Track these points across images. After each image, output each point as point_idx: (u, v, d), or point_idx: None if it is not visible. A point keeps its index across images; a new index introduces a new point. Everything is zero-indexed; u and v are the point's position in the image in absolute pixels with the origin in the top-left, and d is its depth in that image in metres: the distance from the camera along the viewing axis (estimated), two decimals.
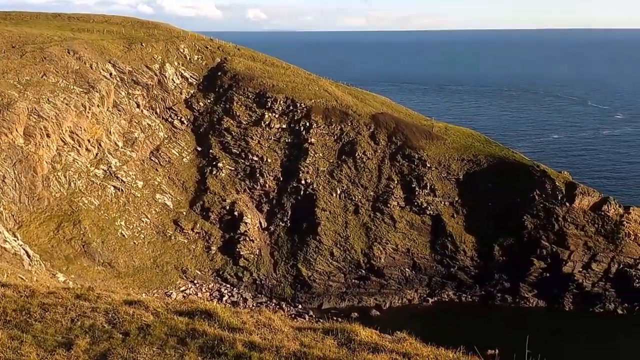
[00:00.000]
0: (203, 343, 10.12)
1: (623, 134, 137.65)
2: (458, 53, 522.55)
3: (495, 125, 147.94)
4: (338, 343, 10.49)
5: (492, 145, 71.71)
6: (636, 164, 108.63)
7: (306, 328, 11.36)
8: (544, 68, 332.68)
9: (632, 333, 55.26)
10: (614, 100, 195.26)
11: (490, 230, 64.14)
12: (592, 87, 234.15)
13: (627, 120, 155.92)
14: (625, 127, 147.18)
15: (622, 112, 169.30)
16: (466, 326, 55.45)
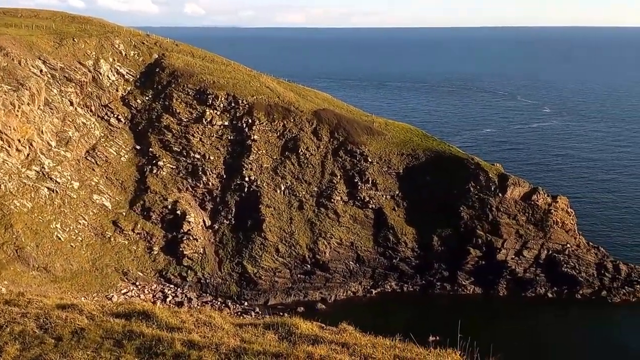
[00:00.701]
0: (140, 344, 10.00)
1: (550, 127, 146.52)
2: (397, 50, 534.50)
3: (433, 120, 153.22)
4: (279, 337, 10.61)
5: (430, 140, 74.40)
6: (563, 155, 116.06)
7: (247, 324, 11.45)
8: (478, 65, 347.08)
9: (561, 315, 59.25)
10: (542, 95, 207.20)
11: (429, 221, 66.65)
12: (521, 83, 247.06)
13: (554, 114, 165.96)
14: (552, 120, 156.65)
15: (549, 107, 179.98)
16: (408, 315, 57.51)
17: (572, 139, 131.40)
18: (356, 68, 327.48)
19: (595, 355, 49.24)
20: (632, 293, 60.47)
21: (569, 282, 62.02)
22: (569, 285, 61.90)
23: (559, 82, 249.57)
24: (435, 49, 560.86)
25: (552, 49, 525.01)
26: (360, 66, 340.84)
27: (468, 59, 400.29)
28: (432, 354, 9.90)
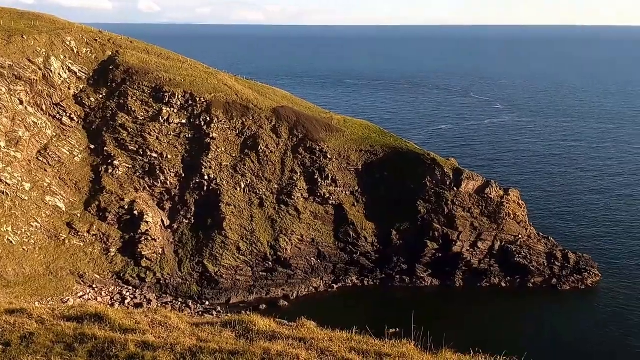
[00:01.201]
0: (92, 347, 9.84)
1: (502, 123, 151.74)
2: (354, 48, 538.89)
3: (390, 117, 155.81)
4: (236, 335, 10.66)
5: (387, 136, 75.82)
6: (514, 150, 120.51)
7: (204, 323, 11.45)
8: (432, 63, 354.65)
9: (514, 303, 61.83)
10: (494, 92, 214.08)
11: (388, 216, 68.04)
12: (474, 79, 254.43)
13: (505, 110, 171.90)
14: (504, 116, 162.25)
15: (500, 103, 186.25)
16: (369, 308, 58.71)
17: (522, 134, 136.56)
18: (314, 66, 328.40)
19: (546, 341, 51.70)
20: (580, 281, 63.66)
21: (521, 272, 64.72)
22: (521, 274, 64.60)
23: (509, 78, 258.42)
24: (392, 46, 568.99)
25: (503, 47, 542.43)
26: (318, 64, 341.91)
27: (423, 57, 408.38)
28: (387, 345, 10.19)
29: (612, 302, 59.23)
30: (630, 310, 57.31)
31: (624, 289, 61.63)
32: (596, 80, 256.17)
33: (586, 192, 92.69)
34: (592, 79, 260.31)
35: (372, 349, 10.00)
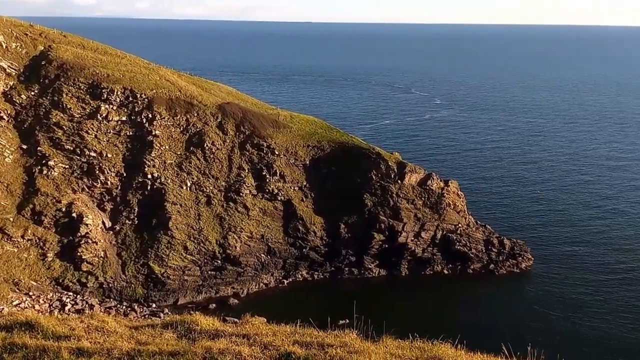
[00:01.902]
0: (23, 356, 9.47)
1: (441, 117, 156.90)
2: (300, 44, 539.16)
3: (336, 113, 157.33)
4: (178, 335, 10.52)
5: (334, 132, 76.60)
6: (452, 143, 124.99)
7: (144, 326, 11.24)
8: (376, 60, 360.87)
9: (455, 289, 64.37)
10: (433, 88, 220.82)
11: (336, 210, 68.86)
12: (415, 76, 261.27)
13: (444, 105, 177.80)
14: (443, 111, 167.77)
15: (439, 98, 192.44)
16: (319, 301, 59.28)
17: (460, 128, 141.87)
18: (260, 62, 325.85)
19: (483, 323, 54.14)
20: (515, 265, 67.13)
21: (462, 259, 67.47)
22: (461, 261, 67.33)
23: (447, 75, 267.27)
24: (337, 43, 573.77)
25: (441, 45, 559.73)
26: (264, 60, 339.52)
27: (367, 54, 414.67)
28: (330, 336, 10.35)
29: (543, 284, 62.95)
30: (559, 291, 61.12)
31: (554, 271, 65.62)
32: (530, 76, 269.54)
33: (520, 183, 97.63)
34: (526, 75, 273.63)
35: (315, 340, 10.09)
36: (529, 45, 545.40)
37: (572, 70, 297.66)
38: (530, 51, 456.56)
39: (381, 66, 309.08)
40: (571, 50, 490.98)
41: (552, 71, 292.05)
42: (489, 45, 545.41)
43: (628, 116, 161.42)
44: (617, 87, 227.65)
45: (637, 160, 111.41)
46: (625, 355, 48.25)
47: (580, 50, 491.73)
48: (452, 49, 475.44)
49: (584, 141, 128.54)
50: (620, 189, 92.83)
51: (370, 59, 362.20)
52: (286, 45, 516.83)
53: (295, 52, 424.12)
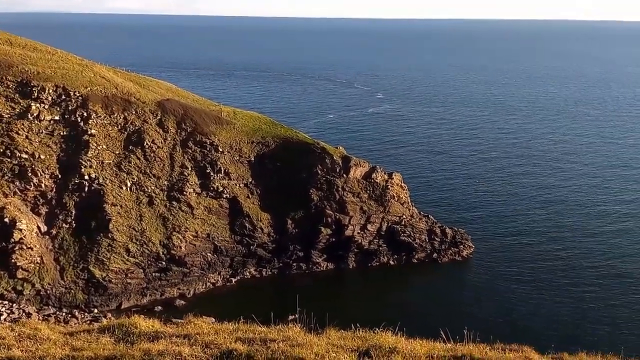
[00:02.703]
0: None
1: (384, 111, 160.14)
2: (242, 39, 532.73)
3: (280, 108, 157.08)
4: (115, 339, 10.32)
5: (278, 127, 76.49)
6: (396, 136, 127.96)
7: (80, 331, 10.97)
8: (319, 54, 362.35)
9: (401, 279, 66.27)
10: (375, 82, 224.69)
11: (282, 206, 68.93)
12: (357, 71, 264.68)
13: (386, 100, 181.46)
14: (385, 105, 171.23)
15: (382, 93, 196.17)
16: (268, 298, 59.34)
17: (402, 122, 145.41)
18: (201, 57, 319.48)
19: (428, 310, 56.15)
20: (457, 253, 69.86)
21: (406, 249, 69.45)
22: (406, 251, 69.31)
23: (389, 70, 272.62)
24: (281, 38, 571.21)
25: (383, 40, 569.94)
26: (204, 55, 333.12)
27: (309, 49, 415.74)
28: (273, 331, 10.45)
29: (483, 271, 65.97)
30: (498, 277, 64.27)
31: (494, 258, 68.88)
32: (471, 70, 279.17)
33: (461, 174, 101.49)
34: (467, 69, 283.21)
35: (258, 336, 10.13)
36: (471, 40, 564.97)
37: (512, 64, 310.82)
38: (473, 46, 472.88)
39: (324, 61, 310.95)
40: (514, 44, 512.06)
41: (493, 65, 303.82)
42: (430, 40, 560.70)
43: (562, 107, 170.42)
44: (552, 80, 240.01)
45: (571, 151, 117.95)
46: (562, 339, 50.71)
47: (523, 44, 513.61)
48: (395, 45, 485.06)
49: (521, 132, 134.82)
50: (558, 179, 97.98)
51: (313, 54, 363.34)
52: (229, 40, 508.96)
53: (238, 47, 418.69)
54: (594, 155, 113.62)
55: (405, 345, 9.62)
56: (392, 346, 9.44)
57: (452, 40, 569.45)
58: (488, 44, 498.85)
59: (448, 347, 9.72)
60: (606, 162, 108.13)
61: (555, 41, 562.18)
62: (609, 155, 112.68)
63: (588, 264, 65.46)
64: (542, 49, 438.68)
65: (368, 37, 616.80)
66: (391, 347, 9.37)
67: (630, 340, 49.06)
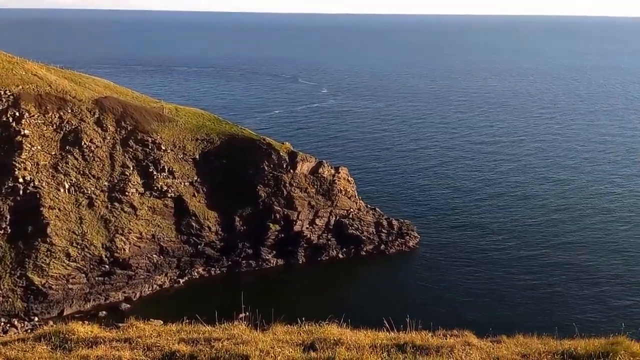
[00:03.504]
0: None
1: (329, 106, 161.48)
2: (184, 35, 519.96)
3: (224, 104, 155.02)
4: (52, 347, 10.05)
5: (223, 124, 75.60)
6: (341, 131, 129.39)
7: (14, 340, 10.59)
8: (261, 49, 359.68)
9: (350, 271, 67.48)
10: (319, 77, 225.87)
11: (230, 203, 68.33)
12: (301, 66, 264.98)
13: (331, 95, 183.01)
14: (329, 100, 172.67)
15: (326, 88, 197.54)
16: (218, 297, 58.70)
17: (348, 116, 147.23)
18: (140, 53, 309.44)
19: (374, 300, 57.48)
20: (403, 243, 71.82)
21: (355, 242, 70.68)
22: (354, 244, 70.52)
23: (333, 65, 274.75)
24: (223, 33, 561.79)
25: (328, 35, 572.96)
26: (144, 51, 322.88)
27: (253, 44, 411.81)
28: (219, 330, 10.38)
29: (429, 261, 68.24)
30: (442, 265, 66.74)
31: (438, 247, 71.38)
32: (413, 64, 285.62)
33: (405, 166, 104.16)
34: (409, 63, 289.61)
35: (202, 336, 10.04)
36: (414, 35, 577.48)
37: (453, 58, 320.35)
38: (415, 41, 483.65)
39: (268, 56, 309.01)
40: (457, 39, 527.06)
41: (436, 60, 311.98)
42: (373, 35, 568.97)
43: (502, 100, 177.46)
44: (491, 73, 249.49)
45: (511, 144, 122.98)
46: (501, 324, 52.99)
47: (465, 38, 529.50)
48: (339, 39, 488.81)
49: (462, 126, 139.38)
50: (498, 172, 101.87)
51: (257, 49, 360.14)
52: (169, 35, 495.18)
53: (179, 42, 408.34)
54: (533, 147, 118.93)
55: (349, 336, 9.76)
56: (337, 338, 9.58)
57: (395, 35, 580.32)
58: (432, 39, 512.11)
59: (391, 336, 9.97)
60: (545, 154, 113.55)
61: (497, 35, 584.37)
62: (548, 148, 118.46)
63: (526, 253, 68.86)
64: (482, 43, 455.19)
65: (312, 32, 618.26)
66: (336, 339, 9.52)
67: (565, 322, 52.26)
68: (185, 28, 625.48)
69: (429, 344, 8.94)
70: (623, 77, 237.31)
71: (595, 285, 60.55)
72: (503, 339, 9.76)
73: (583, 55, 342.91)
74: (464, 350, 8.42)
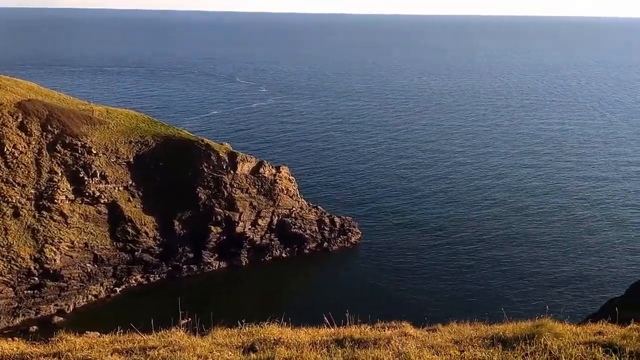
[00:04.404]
0: None
1: (269, 105, 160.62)
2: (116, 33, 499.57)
3: (159, 106, 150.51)
4: None
5: (158, 125, 73.28)
6: (281, 130, 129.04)
7: None
8: (199, 49, 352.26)
9: (293, 270, 67.35)
10: (258, 77, 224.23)
11: (168, 207, 66.32)
12: (239, 65, 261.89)
13: (270, 94, 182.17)
14: (269, 99, 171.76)
15: (265, 87, 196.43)
16: (158, 305, 56.77)
17: (287, 115, 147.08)
18: (66, 53, 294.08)
19: (316, 298, 57.80)
20: (346, 240, 72.62)
21: (298, 241, 70.68)
22: (298, 243, 70.50)
23: (271, 63, 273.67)
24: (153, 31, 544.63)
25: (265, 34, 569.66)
26: (70, 50, 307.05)
27: (188, 43, 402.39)
28: (155, 338, 10.07)
29: (370, 255, 69.46)
30: (383, 259, 68.12)
31: (379, 242, 72.79)
32: (349, 63, 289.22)
33: (346, 164, 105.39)
34: (346, 62, 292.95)
35: (137, 345, 9.79)
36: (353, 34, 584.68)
37: (387, 56, 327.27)
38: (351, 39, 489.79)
39: (203, 55, 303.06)
40: (393, 37, 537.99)
41: (370, 57, 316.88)
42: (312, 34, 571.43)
43: (436, 98, 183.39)
44: (425, 72, 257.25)
45: (447, 140, 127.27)
46: (439, 313, 54.45)
47: (400, 37, 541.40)
48: (279, 38, 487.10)
49: (400, 123, 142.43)
50: (436, 168, 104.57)
51: (192, 48, 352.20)
52: (97, 33, 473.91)
53: (108, 41, 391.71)
54: (466, 144, 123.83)
55: (290, 335, 9.74)
56: (277, 338, 9.53)
57: (333, 34, 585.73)
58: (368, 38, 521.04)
59: (331, 332, 10.01)
60: (480, 151, 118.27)
61: (431, 35, 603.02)
62: (482, 144, 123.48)
63: (462, 248, 71.40)
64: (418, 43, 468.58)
65: (250, 30, 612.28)
66: (276, 339, 9.47)
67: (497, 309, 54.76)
68: (115, 26, 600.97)
69: (367, 337, 9.07)
70: (543, 75, 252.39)
71: (523, 275, 63.89)
72: (439, 328, 10.06)
73: (511, 53, 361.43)
74: (401, 340, 8.61)
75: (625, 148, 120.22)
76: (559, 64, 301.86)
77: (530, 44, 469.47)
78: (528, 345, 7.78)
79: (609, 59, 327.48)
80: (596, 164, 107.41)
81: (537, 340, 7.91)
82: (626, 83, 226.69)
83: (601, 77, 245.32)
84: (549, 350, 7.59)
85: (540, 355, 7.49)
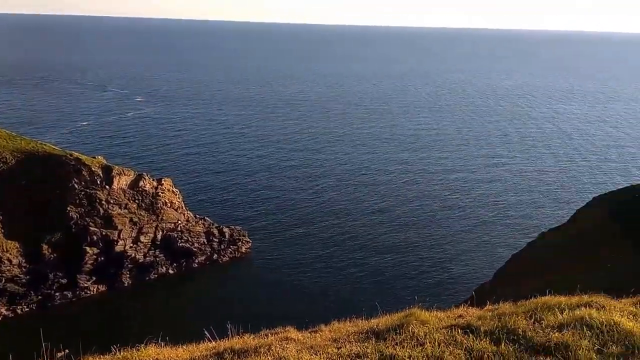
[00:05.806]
0: None
1: (146, 115, 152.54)
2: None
3: (18, 118, 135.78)
4: None
5: (18, 140, 65.89)
6: (162, 140, 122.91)
7: None
8: (65, 55, 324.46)
9: (181, 286, 64.33)
10: (132, 85, 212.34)
11: (34, 229, 59.74)
12: (109, 73, 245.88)
13: (146, 102, 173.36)
14: (146, 108, 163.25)
15: (141, 95, 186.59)
16: (26, 338, 50.87)
17: (167, 124, 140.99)
18: None
19: (204, 311, 55.91)
20: (236, 250, 71.19)
21: (186, 255, 67.75)
22: (185, 257, 67.58)
23: (148, 71, 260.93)
24: (12, 35, 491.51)
25: (140, 40, 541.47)
26: None
27: (48, 49, 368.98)
28: None
29: (260, 264, 68.84)
30: (273, 266, 67.98)
31: (269, 249, 72.48)
32: (235, 70, 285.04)
33: (232, 173, 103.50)
34: (232, 69, 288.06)
35: None
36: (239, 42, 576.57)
37: (272, 63, 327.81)
38: (241, 47, 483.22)
39: (69, 62, 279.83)
40: (290, 46, 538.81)
41: (258, 65, 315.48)
42: (194, 41, 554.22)
43: (317, 105, 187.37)
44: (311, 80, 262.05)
45: (333, 142, 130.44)
46: (324, 313, 55.24)
47: (300, 45, 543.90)
48: (156, 44, 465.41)
49: (283, 131, 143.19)
50: (321, 172, 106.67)
51: (58, 53, 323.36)
52: None
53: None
54: (349, 145, 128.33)
55: (167, 354, 9.36)
56: (154, 359, 9.12)
57: (220, 42, 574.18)
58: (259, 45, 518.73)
59: (211, 346, 9.83)
60: (363, 150, 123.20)
61: (340, 45, 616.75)
62: (364, 144, 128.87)
63: (352, 242, 73.91)
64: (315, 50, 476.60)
65: (123, 36, 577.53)
66: None
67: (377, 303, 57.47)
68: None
69: (248, 346, 8.97)
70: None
71: (395, 270, 67.76)
72: (321, 328, 10.22)
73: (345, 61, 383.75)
74: (282, 345, 8.60)
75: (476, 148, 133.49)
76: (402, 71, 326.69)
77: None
78: (398, 335, 8.15)
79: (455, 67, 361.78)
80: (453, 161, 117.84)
81: (405, 329, 8.29)
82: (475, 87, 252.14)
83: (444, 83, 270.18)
84: (416, 337, 7.98)
85: (409, 342, 7.87)
